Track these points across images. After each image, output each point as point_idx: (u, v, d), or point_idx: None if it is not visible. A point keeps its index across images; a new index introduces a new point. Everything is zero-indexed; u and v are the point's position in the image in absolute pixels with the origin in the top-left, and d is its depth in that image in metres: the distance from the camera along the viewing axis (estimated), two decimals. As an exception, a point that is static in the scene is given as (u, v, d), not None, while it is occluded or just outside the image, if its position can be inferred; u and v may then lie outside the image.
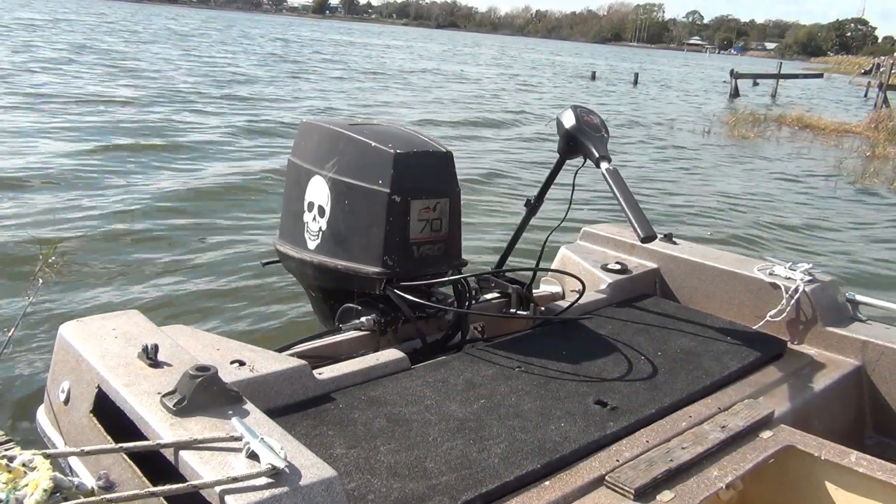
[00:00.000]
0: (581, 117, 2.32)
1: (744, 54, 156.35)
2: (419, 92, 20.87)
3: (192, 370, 1.34)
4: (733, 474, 1.65)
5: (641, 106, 23.37)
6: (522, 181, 9.43)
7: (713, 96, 30.85)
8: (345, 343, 2.17)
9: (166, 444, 1.22)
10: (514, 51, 70.74)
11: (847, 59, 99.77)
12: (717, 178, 11.41)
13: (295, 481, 1.13)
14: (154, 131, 10.55)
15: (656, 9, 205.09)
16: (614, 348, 2.22)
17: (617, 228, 3.08)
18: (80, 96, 13.20)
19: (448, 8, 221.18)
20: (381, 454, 1.55)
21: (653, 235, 2.15)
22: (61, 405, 1.61)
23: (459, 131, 13.68)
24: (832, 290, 2.56)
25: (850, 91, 44.31)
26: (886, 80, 26.98)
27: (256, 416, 1.32)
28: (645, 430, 1.78)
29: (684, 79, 44.89)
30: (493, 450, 1.60)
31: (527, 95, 23.44)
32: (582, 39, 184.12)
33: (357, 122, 2.36)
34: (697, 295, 2.73)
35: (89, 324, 1.69)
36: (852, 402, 2.36)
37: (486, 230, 6.63)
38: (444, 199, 2.19)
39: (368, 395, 1.82)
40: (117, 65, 19.77)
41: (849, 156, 15.04)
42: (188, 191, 7.40)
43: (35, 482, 1.14)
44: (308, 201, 2.29)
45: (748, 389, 2.08)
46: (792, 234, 8.14)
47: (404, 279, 2.14)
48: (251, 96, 15.99)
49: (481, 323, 2.44)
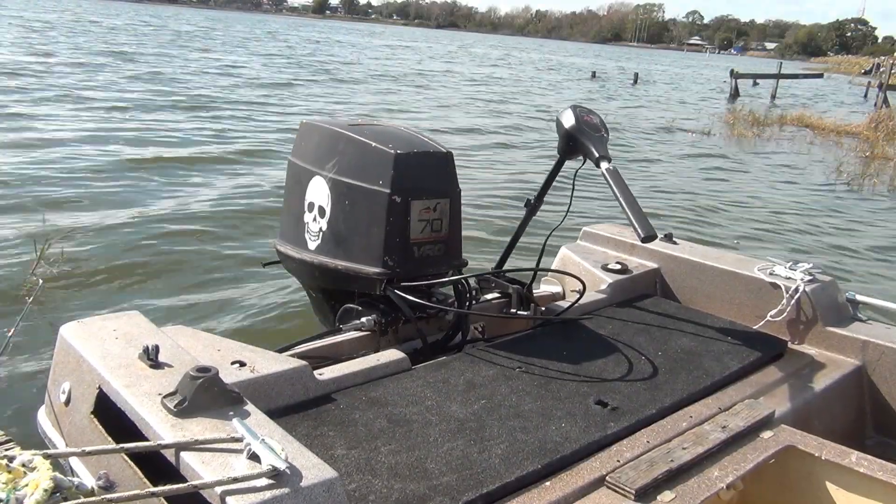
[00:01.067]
0: (580, 117, 2.32)
1: (744, 54, 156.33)
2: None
3: (192, 371, 1.34)
4: (734, 474, 1.65)
5: (641, 106, 23.35)
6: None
7: (713, 96, 30.82)
8: (345, 343, 2.17)
9: (167, 445, 1.22)
10: (518, 52, 70.08)
11: (847, 59, 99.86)
12: (717, 178, 11.41)
13: (296, 482, 1.13)
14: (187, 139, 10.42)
15: (656, 9, 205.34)
16: (615, 348, 2.22)
17: (617, 228, 3.08)
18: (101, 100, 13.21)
19: (448, 8, 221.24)
20: (381, 455, 1.55)
21: (653, 235, 2.15)
22: (62, 406, 1.61)
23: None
24: (832, 289, 2.56)
25: (850, 91, 44.29)
26: (886, 80, 27.04)
27: (257, 416, 1.32)
28: (645, 431, 1.78)
29: (684, 79, 44.88)
30: (494, 450, 1.60)
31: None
32: (582, 39, 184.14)
33: (357, 122, 2.36)
34: (698, 295, 2.73)
35: (90, 325, 1.69)
36: (853, 402, 2.36)
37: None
38: (444, 200, 2.19)
39: (369, 395, 1.82)
40: (152, 69, 19.50)
41: (849, 156, 15.04)
42: (190, 190, 7.40)
43: (35, 482, 1.14)
44: (308, 202, 2.29)
45: (749, 389, 2.08)
46: (792, 233, 8.14)
47: (405, 279, 2.14)
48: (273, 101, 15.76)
49: (482, 323, 2.44)
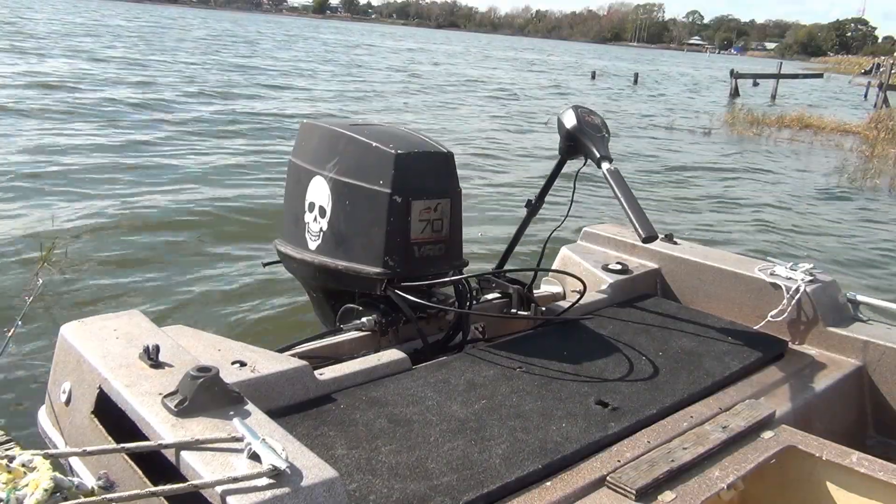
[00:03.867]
0: (582, 117, 2.32)
1: (744, 54, 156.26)
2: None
3: (193, 371, 1.34)
4: (734, 475, 1.65)
5: (641, 105, 23.35)
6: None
7: (713, 96, 30.81)
8: (346, 343, 2.17)
9: (168, 445, 1.22)
10: (533, 53, 69.29)
11: (847, 59, 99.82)
12: (716, 178, 11.41)
13: (296, 482, 1.13)
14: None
15: (656, 9, 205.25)
16: (615, 349, 2.22)
17: (618, 228, 3.07)
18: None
19: (448, 8, 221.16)
20: (382, 455, 1.55)
21: (654, 235, 2.15)
22: (62, 406, 1.61)
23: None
24: (833, 290, 2.55)
25: (851, 91, 44.28)
26: (886, 80, 27.03)
27: (258, 416, 1.32)
28: (646, 431, 1.78)
29: (684, 78, 44.86)
30: (495, 450, 1.60)
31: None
32: (582, 39, 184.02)
33: (358, 122, 2.36)
34: (698, 295, 2.73)
35: (90, 324, 1.69)
36: (853, 403, 2.36)
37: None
38: (444, 200, 2.19)
39: (370, 395, 1.82)
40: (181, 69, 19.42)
41: (849, 156, 15.04)
42: (190, 190, 7.40)
43: (35, 482, 1.14)
44: (309, 202, 2.29)
45: (749, 390, 2.08)
46: (792, 233, 8.14)
47: (405, 279, 2.13)
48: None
49: (482, 323, 2.44)
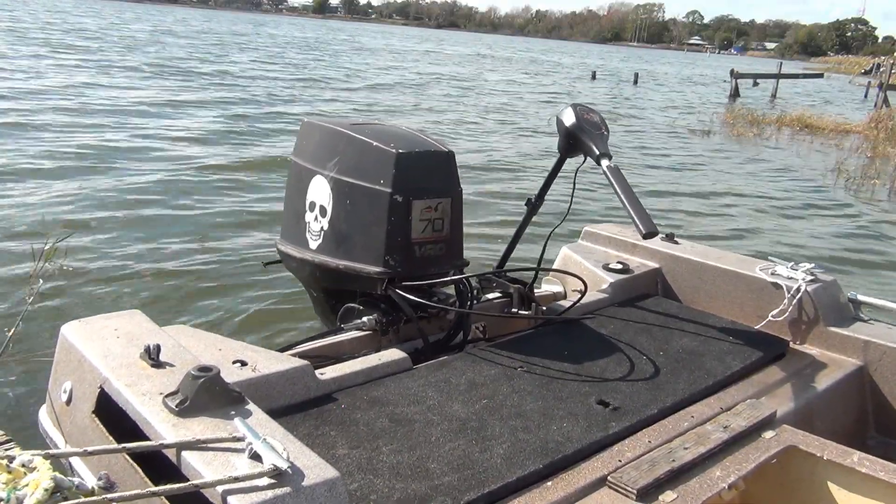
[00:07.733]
0: (581, 115, 2.32)
1: (744, 54, 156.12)
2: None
3: (194, 370, 1.34)
4: (735, 474, 1.65)
5: (641, 105, 23.33)
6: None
7: (713, 96, 30.79)
8: (346, 343, 2.17)
9: (169, 445, 1.22)
10: (535, 53, 68.79)
11: (847, 59, 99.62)
12: (717, 178, 11.39)
13: (297, 482, 1.13)
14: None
15: (656, 9, 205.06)
16: (616, 348, 2.22)
17: (618, 228, 3.07)
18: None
19: (448, 8, 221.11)
20: (383, 454, 1.55)
21: (655, 231, 2.15)
22: (63, 405, 1.60)
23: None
24: (834, 289, 2.55)
25: (851, 91, 44.25)
26: (886, 80, 26.97)
27: (259, 416, 1.32)
28: (647, 431, 1.78)
29: (684, 78, 44.84)
30: (496, 450, 1.60)
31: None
32: (582, 39, 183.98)
33: (358, 121, 2.36)
34: (699, 295, 2.73)
35: (91, 324, 1.69)
36: (854, 403, 2.36)
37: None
38: (445, 199, 2.19)
39: (370, 395, 1.82)
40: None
41: (849, 156, 15.02)
42: (190, 191, 7.40)
43: (36, 482, 1.14)
44: (310, 201, 2.29)
45: (750, 389, 2.08)
46: (793, 233, 8.14)
47: (406, 279, 2.13)
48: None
49: (483, 323, 2.44)
